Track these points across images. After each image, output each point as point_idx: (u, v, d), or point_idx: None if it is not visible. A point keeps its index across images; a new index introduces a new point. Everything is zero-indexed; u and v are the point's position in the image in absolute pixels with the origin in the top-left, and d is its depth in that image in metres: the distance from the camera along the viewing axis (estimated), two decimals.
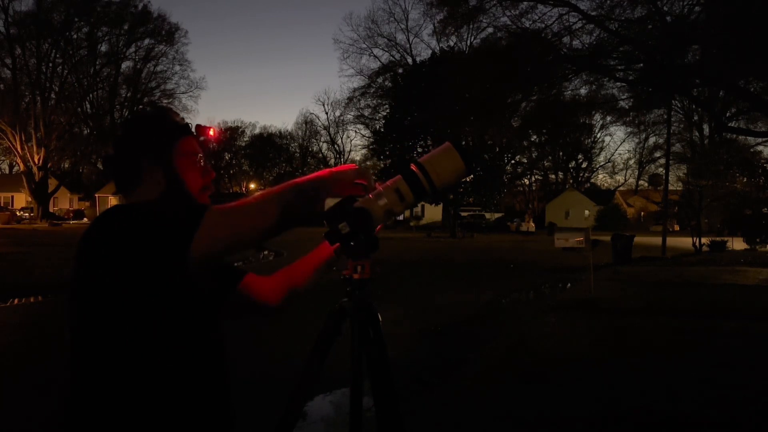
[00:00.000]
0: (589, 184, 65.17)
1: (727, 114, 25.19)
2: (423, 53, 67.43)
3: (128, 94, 48.61)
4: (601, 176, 67.83)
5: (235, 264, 1.49)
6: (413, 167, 1.21)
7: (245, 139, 65.73)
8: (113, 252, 1.04)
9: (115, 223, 1.08)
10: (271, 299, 1.47)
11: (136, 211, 1.10)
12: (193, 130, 1.31)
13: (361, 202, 1.21)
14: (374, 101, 50.43)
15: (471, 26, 21.52)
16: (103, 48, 47.08)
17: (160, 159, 1.21)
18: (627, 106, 20.39)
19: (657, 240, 23.44)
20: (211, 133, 1.54)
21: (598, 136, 62.02)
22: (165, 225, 1.05)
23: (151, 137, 1.23)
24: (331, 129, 64.14)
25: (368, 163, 49.67)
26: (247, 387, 4.43)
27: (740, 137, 25.01)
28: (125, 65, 49.48)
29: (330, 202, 1.20)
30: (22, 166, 42.29)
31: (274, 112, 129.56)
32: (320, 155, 65.63)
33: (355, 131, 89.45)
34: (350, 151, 63.66)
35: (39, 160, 41.21)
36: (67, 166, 49.26)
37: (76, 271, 1.09)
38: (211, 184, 1.30)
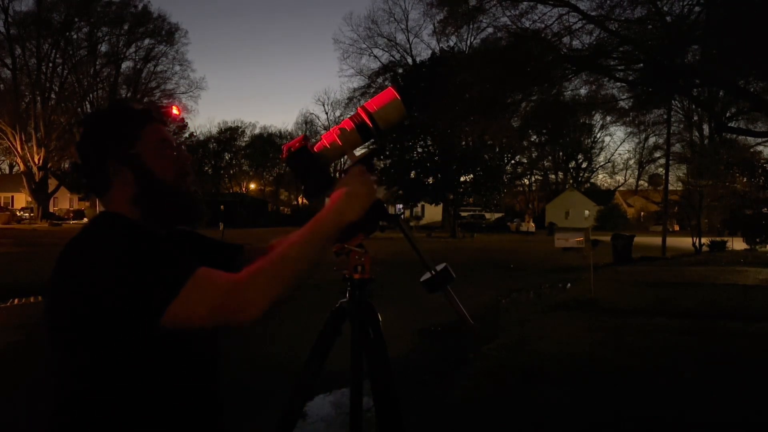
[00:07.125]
0: (589, 184, 65.23)
1: (727, 114, 25.15)
2: (423, 53, 67.33)
3: (128, 95, 48.48)
4: (601, 176, 67.99)
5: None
6: (359, 110, 1.31)
7: (245, 139, 65.79)
8: (82, 295, 1.01)
9: (88, 262, 1.03)
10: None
11: (117, 245, 1.02)
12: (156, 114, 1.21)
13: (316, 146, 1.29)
14: None
15: (471, 26, 21.53)
16: (103, 48, 47.09)
17: (123, 158, 1.13)
18: (627, 106, 20.42)
19: (657, 240, 23.44)
20: (175, 111, 1.48)
21: (598, 136, 62.22)
22: (138, 284, 0.97)
23: (110, 137, 1.14)
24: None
25: None
26: (246, 387, 4.43)
27: (740, 137, 24.97)
28: (125, 65, 49.52)
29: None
30: (22, 166, 42.26)
31: (274, 112, 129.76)
32: None
33: None
34: None
35: (39, 160, 41.17)
36: (67, 166, 49.22)
37: (50, 295, 1.06)
38: (189, 167, 1.20)
